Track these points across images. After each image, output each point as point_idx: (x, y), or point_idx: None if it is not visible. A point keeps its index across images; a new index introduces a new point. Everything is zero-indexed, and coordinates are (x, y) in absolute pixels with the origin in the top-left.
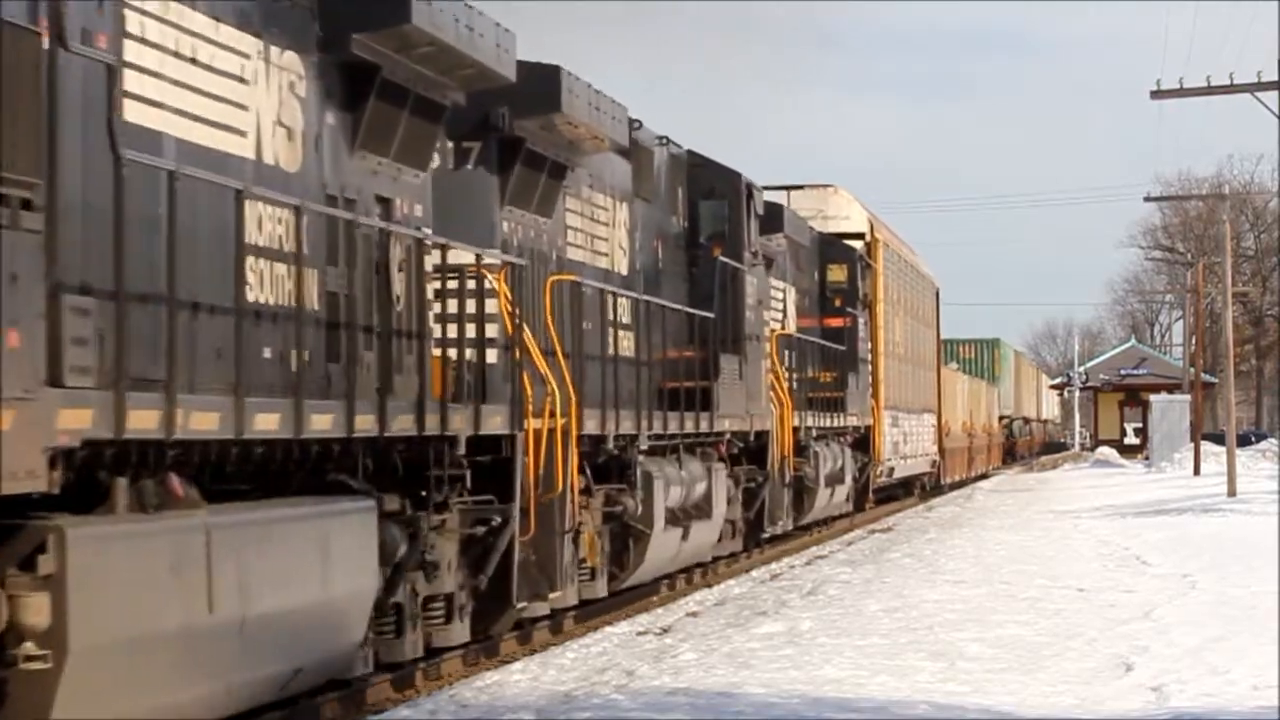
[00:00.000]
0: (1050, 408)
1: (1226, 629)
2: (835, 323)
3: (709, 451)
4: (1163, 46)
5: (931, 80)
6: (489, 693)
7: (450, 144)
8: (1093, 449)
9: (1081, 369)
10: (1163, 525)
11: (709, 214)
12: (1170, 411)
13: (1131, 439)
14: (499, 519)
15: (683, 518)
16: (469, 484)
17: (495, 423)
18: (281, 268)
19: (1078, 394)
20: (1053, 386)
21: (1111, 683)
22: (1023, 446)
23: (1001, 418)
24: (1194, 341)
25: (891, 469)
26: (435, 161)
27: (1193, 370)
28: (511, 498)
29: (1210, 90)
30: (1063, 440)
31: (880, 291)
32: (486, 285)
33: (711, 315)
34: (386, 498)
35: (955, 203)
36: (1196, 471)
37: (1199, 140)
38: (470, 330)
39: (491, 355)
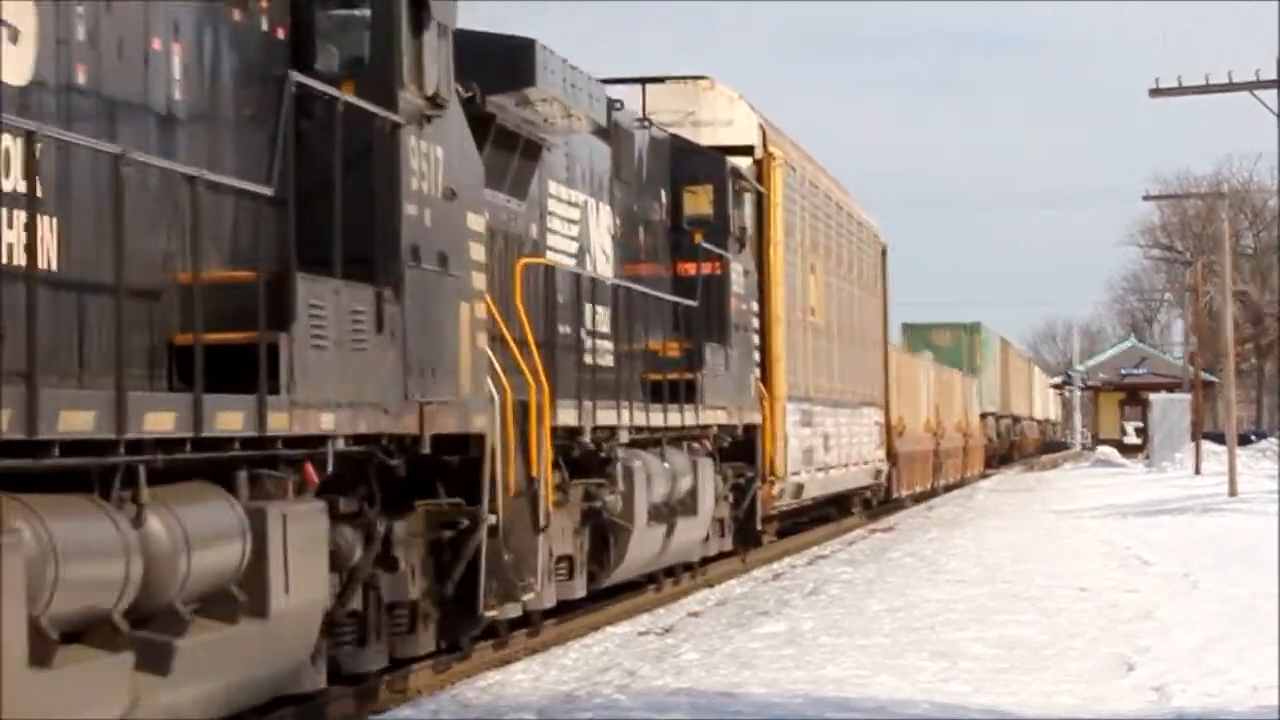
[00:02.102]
0: (1047, 405)
1: (1228, 629)
2: (691, 269)
3: (270, 481)
4: (1162, 45)
5: (930, 80)
6: (491, 692)
7: None
8: (1093, 448)
9: (1081, 368)
10: (1164, 525)
11: (336, 25)
12: (1170, 411)
13: (1132, 438)
14: None
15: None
16: None
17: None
18: None
19: (1078, 393)
20: (1053, 386)
21: (1113, 682)
22: (1011, 448)
23: (984, 415)
24: (1194, 340)
25: (800, 485)
26: None
27: (1192, 369)
28: None
29: (1209, 89)
30: (1063, 440)
31: (778, 231)
32: None
33: (268, 192)
34: None
35: (954, 203)
36: (1197, 471)
37: (1198, 139)
38: None
39: None
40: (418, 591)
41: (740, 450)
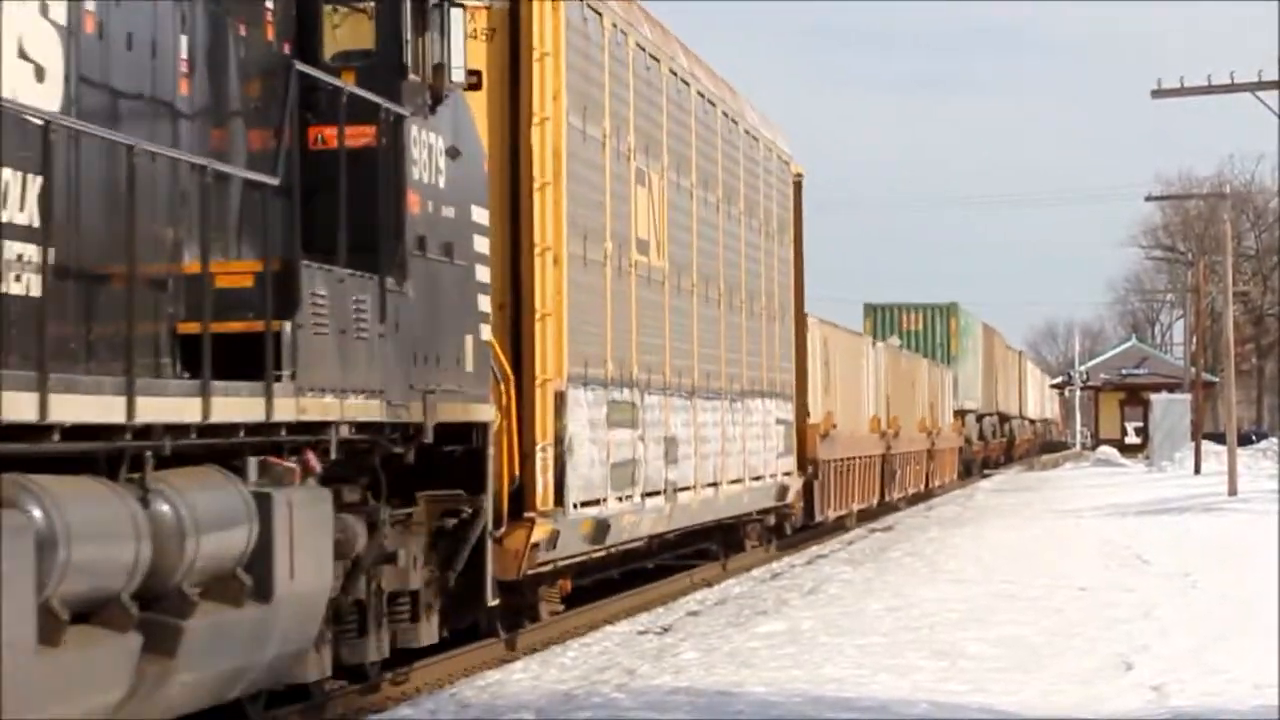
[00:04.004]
0: (1043, 403)
1: (1227, 628)
2: (358, 137)
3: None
4: (1163, 45)
5: (930, 78)
6: (490, 691)
7: None
8: (1094, 448)
9: (1082, 368)
10: (1163, 524)
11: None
12: (1171, 411)
13: (1132, 438)
14: None
15: None
16: None
17: None
18: None
19: (1079, 393)
20: (1054, 386)
21: (1112, 682)
22: (996, 452)
23: (962, 412)
24: (1195, 341)
25: (603, 523)
26: None
27: (1193, 369)
28: None
29: (1211, 89)
30: (1062, 440)
31: (549, 99)
32: None
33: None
34: None
35: (953, 201)
36: (1197, 471)
37: (1199, 139)
38: None
39: None
40: None
41: (458, 468)
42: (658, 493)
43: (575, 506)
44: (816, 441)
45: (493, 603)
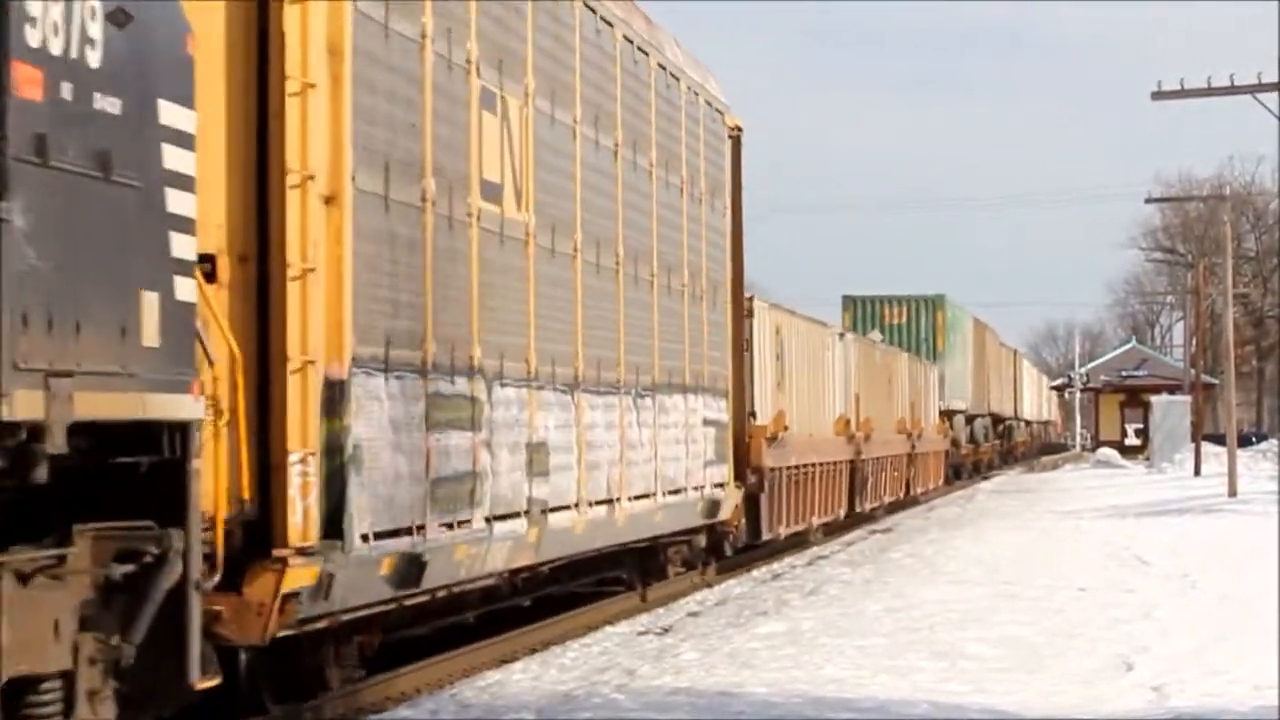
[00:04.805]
0: (1040, 404)
1: (1227, 629)
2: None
3: None
4: (1163, 46)
5: (927, 78)
6: (490, 692)
7: None
8: (1094, 450)
9: (1082, 370)
10: (1164, 526)
11: None
12: (1171, 412)
13: (1132, 440)
14: None
15: None
16: None
17: None
18: None
19: (1079, 395)
20: (1054, 387)
21: (1113, 682)
22: (989, 455)
23: (950, 413)
24: (1194, 342)
25: (416, 560)
26: None
27: (1193, 371)
28: None
29: (1211, 91)
30: (1061, 441)
31: None
32: None
33: None
34: None
35: (953, 203)
36: (1197, 472)
37: (1199, 141)
38: None
39: None
40: None
41: (153, 490)
42: (515, 515)
43: (367, 538)
44: (762, 446)
45: (206, 683)
